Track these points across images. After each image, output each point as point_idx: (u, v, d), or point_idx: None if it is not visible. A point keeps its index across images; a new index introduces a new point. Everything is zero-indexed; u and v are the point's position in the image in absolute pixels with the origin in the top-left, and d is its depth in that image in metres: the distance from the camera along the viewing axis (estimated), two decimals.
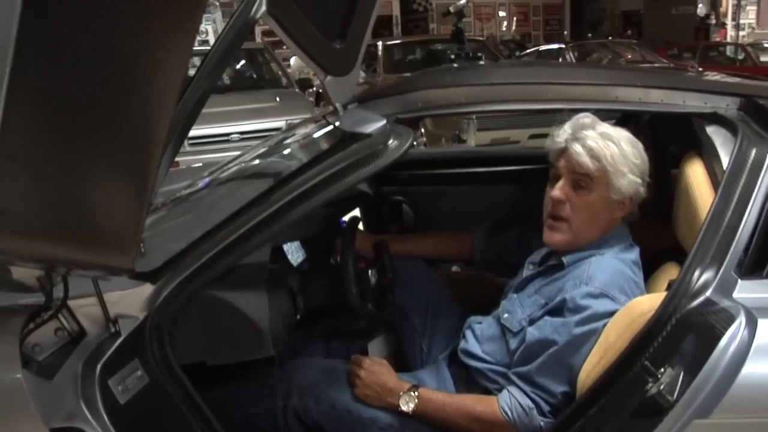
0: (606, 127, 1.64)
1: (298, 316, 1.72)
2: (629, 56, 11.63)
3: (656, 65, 10.20)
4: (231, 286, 1.56)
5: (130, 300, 1.53)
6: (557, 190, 1.64)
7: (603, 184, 1.60)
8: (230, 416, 1.81)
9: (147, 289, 1.53)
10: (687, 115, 1.66)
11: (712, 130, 1.60)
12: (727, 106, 1.65)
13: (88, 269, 1.25)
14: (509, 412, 1.57)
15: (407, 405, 1.65)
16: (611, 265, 1.58)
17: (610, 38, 15.07)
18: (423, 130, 8.08)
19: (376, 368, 1.72)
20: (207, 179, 2.03)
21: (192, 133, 6.68)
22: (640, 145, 1.65)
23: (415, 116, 1.73)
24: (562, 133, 1.65)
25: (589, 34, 18.06)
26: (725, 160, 1.49)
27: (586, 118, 1.66)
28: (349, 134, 1.57)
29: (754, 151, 1.45)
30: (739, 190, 1.41)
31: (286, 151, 1.98)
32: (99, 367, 1.44)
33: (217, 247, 1.50)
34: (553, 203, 1.65)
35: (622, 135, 1.63)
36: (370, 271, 1.90)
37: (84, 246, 1.13)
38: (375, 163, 1.50)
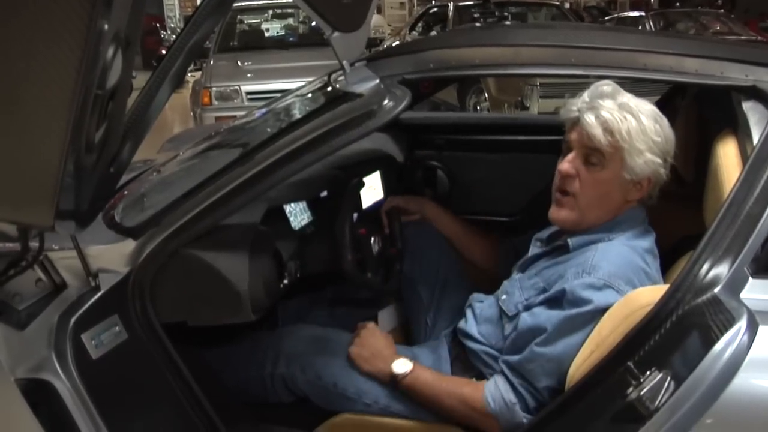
0: (628, 98, 1.49)
1: (286, 281, 1.64)
2: (717, 27, 10.96)
3: (742, 38, 9.57)
4: (213, 246, 1.51)
5: (111, 255, 1.50)
6: (566, 163, 1.51)
7: (616, 161, 1.46)
8: (222, 378, 1.79)
9: (129, 244, 1.50)
10: (723, 87, 1.47)
11: (748, 106, 1.41)
12: None
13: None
14: (492, 403, 1.48)
15: (401, 368, 1.59)
16: (619, 253, 1.44)
17: (699, 8, 14.23)
18: (486, 95, 7.86)
19: (378, 333, 1.69)
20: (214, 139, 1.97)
21: (251, 87, 6.60)
22: (665, 122, 1.49)
23: (424, 77, 1.62)
24: (578, 101, 1.51)
25: (677, 3, 17.13)
26: (756, 140, 1.31)
27: (606, 86, 1.51)
28: (341, 94, 1.47)
29: None
30: (767, 175, 1.24)
31: (280, 111, 1.89)
32: (73, 320, 1.42)
33: (199, 206, 1.45)
34: (561, 177, 1.52)
35: (645, 108, 1.48)
36: (372, 239, 1.81)
37: None
38: (366, 125, 1.40)
